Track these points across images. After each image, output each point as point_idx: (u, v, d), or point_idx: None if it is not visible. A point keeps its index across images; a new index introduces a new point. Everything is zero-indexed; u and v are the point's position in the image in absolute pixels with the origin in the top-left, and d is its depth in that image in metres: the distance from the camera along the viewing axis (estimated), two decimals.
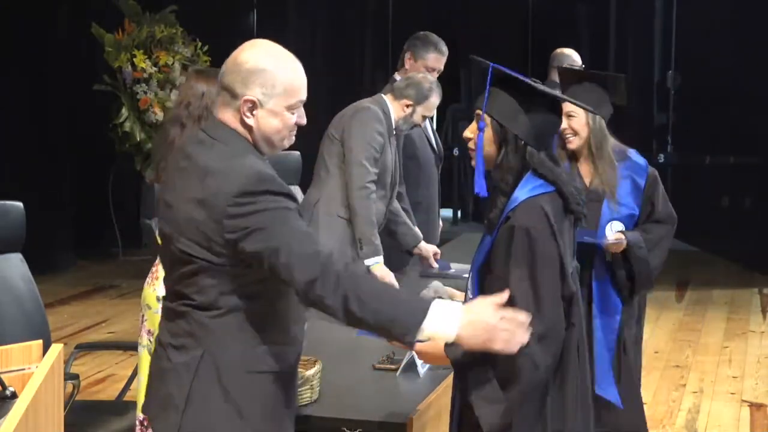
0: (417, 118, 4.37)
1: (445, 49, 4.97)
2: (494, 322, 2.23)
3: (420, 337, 2.24)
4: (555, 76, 6.52)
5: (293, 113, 2.37)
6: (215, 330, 2.30)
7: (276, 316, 2.36)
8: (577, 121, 3.66)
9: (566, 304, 2.43)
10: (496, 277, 2.44)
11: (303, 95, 2.39)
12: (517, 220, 2.41)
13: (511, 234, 2.41)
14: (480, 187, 2.46)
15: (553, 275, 2.40)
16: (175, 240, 2.30)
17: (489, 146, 2.49)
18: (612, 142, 3.73)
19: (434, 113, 4.54)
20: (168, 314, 2.38)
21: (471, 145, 2.52)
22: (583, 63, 6.64)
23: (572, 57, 6.58)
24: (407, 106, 4.33)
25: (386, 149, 4.28)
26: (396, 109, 4.34)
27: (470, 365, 2.37)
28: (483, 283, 2.49)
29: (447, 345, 2.35)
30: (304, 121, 2.42)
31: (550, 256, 2.40)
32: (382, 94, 4.40)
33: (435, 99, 4.38)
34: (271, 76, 2.31)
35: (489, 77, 2.49)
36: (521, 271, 2.38)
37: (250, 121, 2.32)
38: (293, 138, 2.44)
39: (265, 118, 2.32)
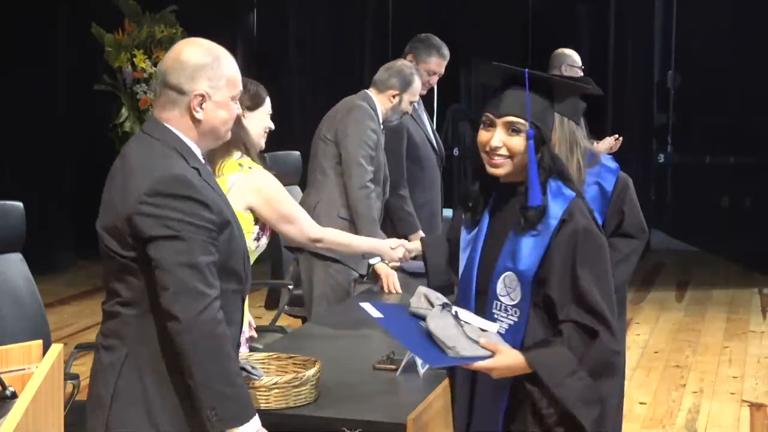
0: (405, 105, 4.37)
1: (447, 53, 4.98)
2: None
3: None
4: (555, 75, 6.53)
5: (236, 104, 2.42)
6: (138, 328, 2.30)
7: None
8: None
9: None
10: (554, 279, 2.42)
11: (241, 86, 2.45)
12: (577, 223, 2.42)
13: (575, 237, 2.42)
14: (537, 197, 2.41)
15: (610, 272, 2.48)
16: (102, 237, 2.33)
17: (522, 152, 2.45)
18: (584, 147, 3.27)
19: (418, 97, 4.52)
20: (103, 315, 2.39)
21: (504, 152, 2.46)
22: (582, 63, 6.65)
23: (572, 57, 6.58)
24: (393, 96, 4.33)
25: (379, 146, 4.30)
26: (382, 101, 4.34)
27: (556, 372, 2.38)
28: (536, 288, 2.45)
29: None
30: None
31: (607, 255, 2.47)
32: (366, 90, 4.39)
33: (418, 83, 4.40)
34: (215, 69, 2.37)
35: (527, 82, 2.46)
36: (595, 271, 2.41)
37: (199, 115, 2.34)
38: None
39: (213, 110, 2.36)
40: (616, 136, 6.20)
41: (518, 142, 2.45)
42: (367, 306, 2.48)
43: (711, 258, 9.28)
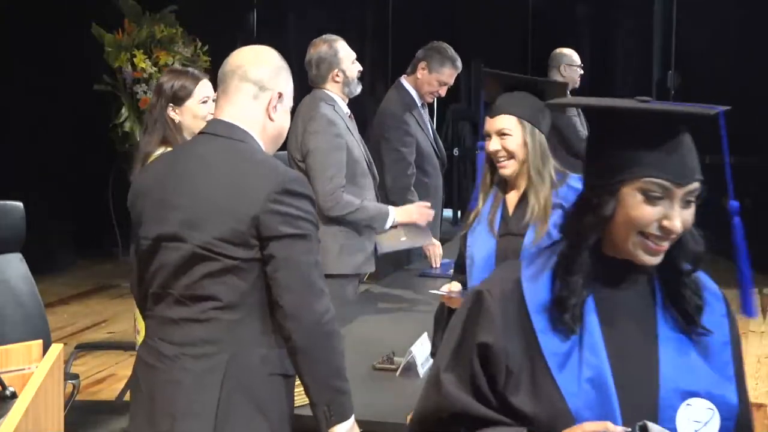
0: (350, 72, 4.31)
1: (460, 65, 5.00)
2: None
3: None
4: (555, 76, 6.53)
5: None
6: (239, 333, 2.28)
7: None
8: (512, 140, 2.89)
9: None
10: None
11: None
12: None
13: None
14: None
15: None
16: (191, 239, 2.28)
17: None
18: (552, 164, 2.97)
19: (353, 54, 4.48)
20: (174, 323, 2.32)
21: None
22: (582, 63, 6.65)
23: (572, 57, 6.59)
24: (336, 75, 4.30)
25: (348, 142, 4.21)
26: (332, 87, 4.29)
27: None
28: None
29: None
30: None
31: None
32: (316, 89, 4.36)
33: (340, 44, 4.36)
34: (288, 76, 2.45)
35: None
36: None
37: (275, 115, 2.40)
38: None
39: (283, 114, 2.43)
40: None
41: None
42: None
43: (711, 258, 9.26)
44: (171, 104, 3.39)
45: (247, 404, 2.28)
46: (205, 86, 3.45)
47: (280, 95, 2.40)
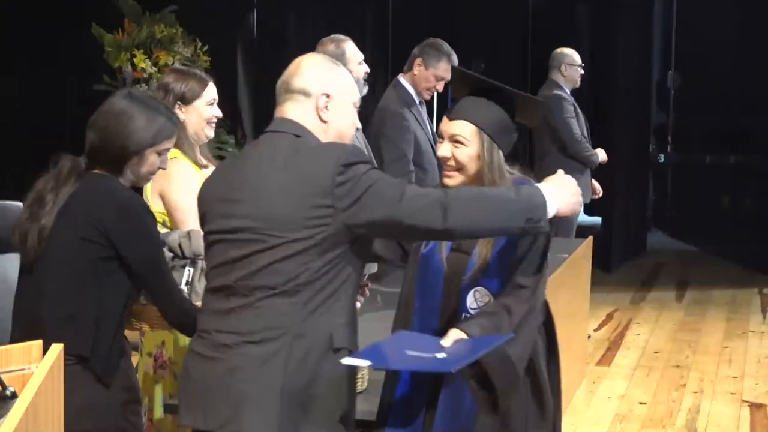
0: (357, 74, 4.33)
1: (455, 59, 5.02)
2: (575, 190, 2.48)
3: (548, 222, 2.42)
4: (556, 76, 6.54)
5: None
6: (301, 314, 2.33)
7: (352, 295, 2.44)
8: (465, 151, 2.64)
9: None
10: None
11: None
12: None
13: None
14: None
15: None
16: (256, 231, 2.35)
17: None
18: (509, 179, 2.69)
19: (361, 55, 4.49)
20: (235, 313, 2.37)
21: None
22: (582, 63, 6.65)
23: (573, 57, 6.59)
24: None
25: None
26: None
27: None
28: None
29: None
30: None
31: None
32: None
33: (351, 45, 4.37)
34: (336, 75, 2.53)
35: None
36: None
37: (327, 115, 2.48)
38: None
39: (340, 113, 2.51)
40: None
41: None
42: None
43: (711, 258, 9.28)
44: (179, 102, 3.39)
45: (313, 386, 2.32)
46: (212, 89, 3.47)
47: (328, 96, 2.48)
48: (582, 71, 6.61)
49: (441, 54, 4.95)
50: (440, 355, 2.36)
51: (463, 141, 2.63)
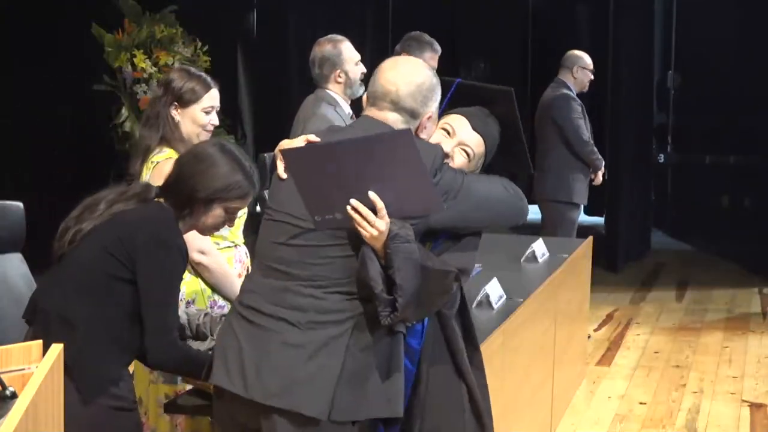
0: (353, 73, 4.33)
1: (438, 48, 5.03)
2: None
3: None
4: (566, 77, 6.55)
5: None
6: (366, 306, 2.35)
7: None
8: (465, 162, 2.70)
9: None
10: None
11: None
12: None
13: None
14: None
15: None
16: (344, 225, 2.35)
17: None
18: None
19: (357, 55, 4.50)
20: (295, 292, 2.39)
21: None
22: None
23: (585, 60, 6.60)
24: (338, 75, 4.31)
25: None
26: (334, 88, 4.30)
27: None
28: None
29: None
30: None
31: None
32: (319, 89, 4.35)
33: (345, 44, 4.37)
34: (439, 92, 2.56)
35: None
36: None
37: (423, 133, 2.53)
38: None
39: (432, 127, 2.57)
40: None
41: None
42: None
43: (711, 258, 9.27)
44: (176, 103, 3.35)
45: (369, 372, 2.35)
46: (212, 96, 3.40)
47: (430, 117, 2.51)
48: (592, 76, 6.63)
49: (423, 44, 4.98)
50: None
51: (470, 153, 2.67)
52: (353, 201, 2.29)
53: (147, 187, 2.84)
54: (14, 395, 1.90)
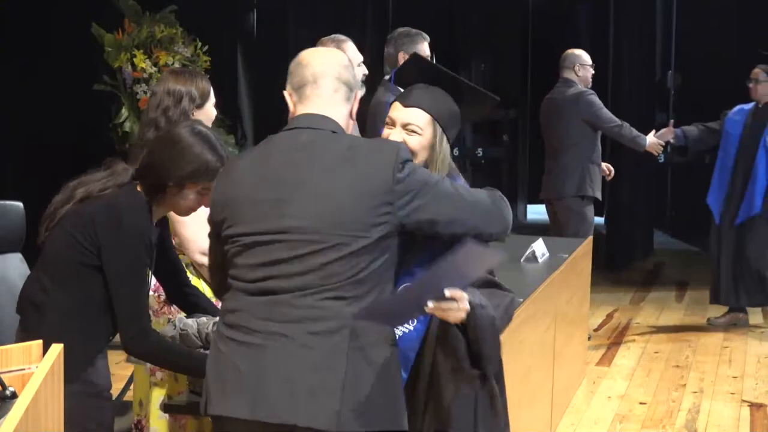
0: (357, 75, 4.36)
1: (427, 36, 5.08)
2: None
3: None
4: (570, 75, 6.57)
5: None
6: (360, 309, 2.32)
7: (392, 289, 2.45)
8: (418, 140, 2.62)
9: None
10: None
11: None
12: None
13: None
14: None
15: None
16: (314, 232, 2.32)
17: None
18: (452, 170, 2.74)
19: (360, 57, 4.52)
20: (288, 304, 2.33)
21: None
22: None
23: (584, 57, 6.64)
24: None
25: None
26: None
27: None
28: None
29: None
30: None
31: None
32: None
33: (351, 46, 4.39)
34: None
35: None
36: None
37: (354, 114, 2.53)
38: None
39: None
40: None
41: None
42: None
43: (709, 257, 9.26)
44: (195, 107, 3.35)
45: (372, 380, 2.31)
46: (212, 91, 3.45)
47: (358, 98, 2.54)
48: (593, 71, 6.66)
49: (415, 37, 5.03)
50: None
51: (416, 130, 2.60)
52: (431, 304, 2.30)
53: (124, 171, 2.86)
54: (14, 395, 1.90)
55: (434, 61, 4.93)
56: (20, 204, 3.41)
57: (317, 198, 2.33)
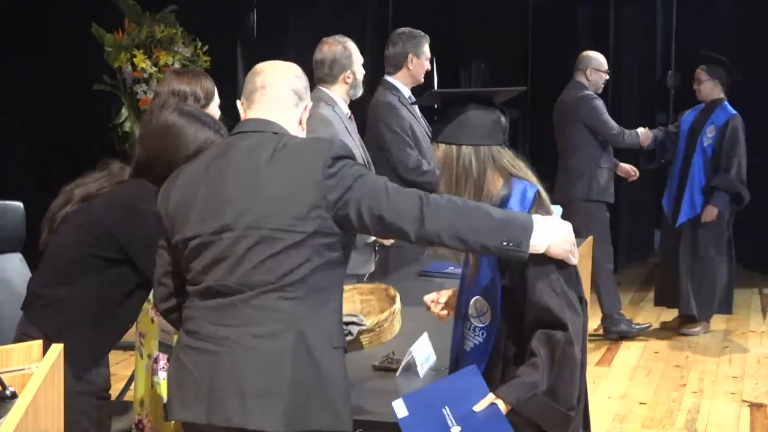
0: (359, 75, 4.40)
1: (427, 36, 5.11)
2: (573, 240, 2.42)
3: (528, 248, 2.36)
4: (581, 78, 6.56)
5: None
6: (302, 310, 2.35)
7: (340, 294, 2.48)
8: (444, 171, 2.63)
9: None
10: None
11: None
12: None
13: None
14: None
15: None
16: (251, 227, 2.35)
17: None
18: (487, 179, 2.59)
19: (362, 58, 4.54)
20: (235, 307, 2.36)
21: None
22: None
23: (599, 61, 6.62)
24: (347, 77, 4.34)
25: (347, 143, 4.26)
26: (339, 89, 4.35)
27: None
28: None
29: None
30: None
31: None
32: (318, 88, 4.38)
33: (353, 46, 4.41)
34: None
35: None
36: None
37: (303, 125, 2.60)
38: None
39: (305, 126, 2.63)
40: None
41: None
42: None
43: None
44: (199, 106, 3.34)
45: (318, 381, 2.34)
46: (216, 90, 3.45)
47: (308, 108, 2.60)
48: (606, 77, 6.63)
49: (421, 38, 5.07)
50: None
51: (438, 166, 2.65)
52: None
53: (121, 170, 2.86)
54: (14, 395, 1.90)
55: (434, 62, 4.95)
56: (20, 204, 3.41)
57: (252, 195, 2.38)
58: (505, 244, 2.34)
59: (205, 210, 2.41)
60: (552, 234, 2.38)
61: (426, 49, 5.02)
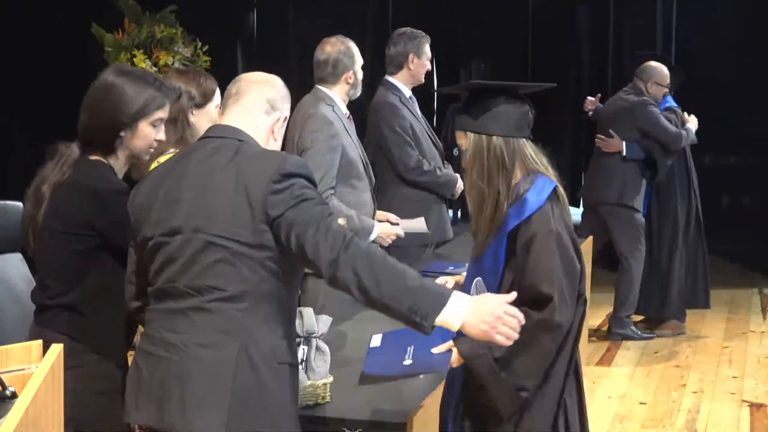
0: (359, 75, 4.41)
1: (428, 37, 5.12)
2: (499, 314, 2.29)
3: (433, 323, 2.28)
4: (641, 85, 6.51)
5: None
6: (248, 323, 2.33)
7: (291, 309, 2.46)
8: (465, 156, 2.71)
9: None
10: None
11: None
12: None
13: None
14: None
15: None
16: (198, 230, 2.35)
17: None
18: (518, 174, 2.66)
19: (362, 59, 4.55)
20: (182, 314, 2.37)
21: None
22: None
23: (662, 75, 6.55)
24: (349, 77, 4.35)
25: (345, 143, 4.26)
26: (340, 89, 4.35)
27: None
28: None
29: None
30: None
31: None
32: (318, 88, 4.39)
33: (354, 46, 4.42)
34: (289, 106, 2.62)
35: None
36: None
37: (278, 136, 2.56)
38: None
39: (281, 138, 2.61)
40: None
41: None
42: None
43: (711, 258, 9.26)
44: (194, 106, 3.34)
45: (259, 394, 2.33)
46: (218, 91, 3.45)
47: (285, 119, 2.57)
48: (666, 90, 6.60)
49: (422, 38, 5.06)
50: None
51: (461, 150, 2.72)
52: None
53: (68, 148, 2.86)
54: (14, 395, 1.90)
55: (434, 62, 4.95)
56: (20, 204, 3.40)
57: (201, 199, 2.38)
58: (408, 311, 2.24)
59: (161, 211, 2.42)
60: (467, 311, 2.27)
61: (427, 49, 5.02)
